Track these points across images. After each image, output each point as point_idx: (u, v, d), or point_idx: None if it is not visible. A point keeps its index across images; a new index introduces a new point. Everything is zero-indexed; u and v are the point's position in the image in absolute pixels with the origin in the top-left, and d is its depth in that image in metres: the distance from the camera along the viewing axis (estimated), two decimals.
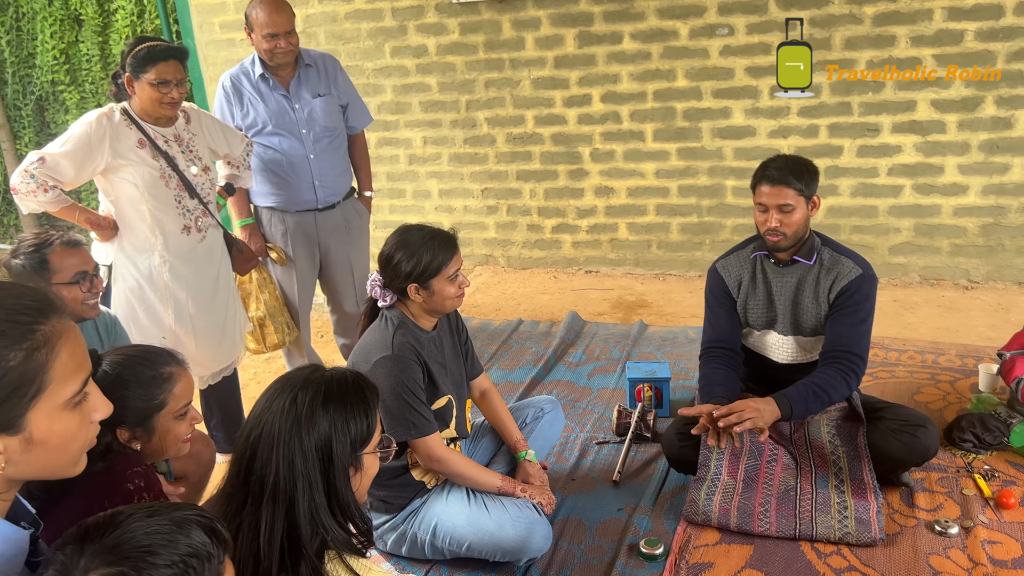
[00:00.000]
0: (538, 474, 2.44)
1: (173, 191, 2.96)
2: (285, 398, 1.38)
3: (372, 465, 1.46)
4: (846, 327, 2.47)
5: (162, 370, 1.79)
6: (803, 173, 2.45)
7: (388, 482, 2.30)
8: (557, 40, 4.60)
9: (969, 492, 2.48)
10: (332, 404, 1.38)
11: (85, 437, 1.08)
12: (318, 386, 1.40)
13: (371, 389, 1.47)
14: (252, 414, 1.41)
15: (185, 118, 3.04)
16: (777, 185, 2.43)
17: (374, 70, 4.99)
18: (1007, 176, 4.07)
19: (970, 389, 3.12)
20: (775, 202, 2.44)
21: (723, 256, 2.74)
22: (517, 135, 4.87)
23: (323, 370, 1.45)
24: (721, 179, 4.55)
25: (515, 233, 5.10)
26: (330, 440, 1.37)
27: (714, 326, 2.69)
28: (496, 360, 3.76)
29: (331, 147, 3.53)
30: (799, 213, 2.45)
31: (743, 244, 2.72)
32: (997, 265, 4.22)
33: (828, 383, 2.41)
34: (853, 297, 2.48)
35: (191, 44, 5.27)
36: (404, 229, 2.30)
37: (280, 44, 3.26)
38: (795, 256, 2.54)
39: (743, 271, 2.65)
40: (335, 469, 1.36)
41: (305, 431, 1.35)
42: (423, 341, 2.28)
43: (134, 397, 1.73)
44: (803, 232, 2.51)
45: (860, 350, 2.48)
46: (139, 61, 2.79)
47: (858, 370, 2.45)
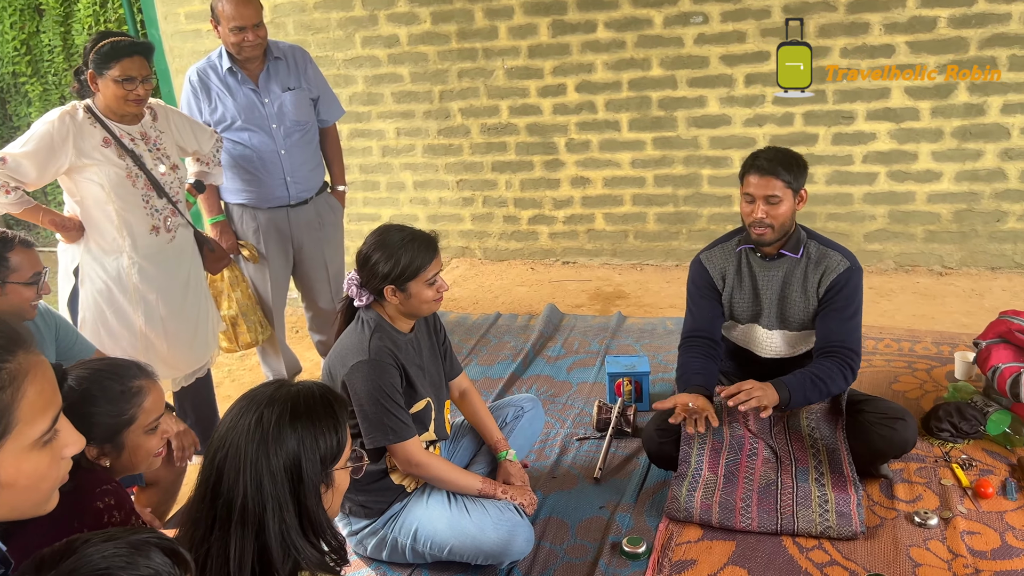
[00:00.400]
0: (519, 474, 2.42)
1: (140, 191, 2.88)
2: (250, 417, 1.32)
3: (343, 480, 1.42)
4: (838, 322, 2.46)
5: (130, 384, 1.73)
6: (792, 165, 2.43)
7: (367, 487, 2.27)
8: (531, 29, 4.55)
9: (947, 482, 2.49)
10: (300, 421, 1.33)
11: (56, 475, 1.02)
12: (284, 403, 1.34)
13: (340, 402, 1.42)
14: (216, 435, 1.35)
15: (152, 115, 2.96)
16: (765, 176, 2.41)
17: (345, 60, 4.91)
18: (980, 162, 4.09)
19: (946, 377, 3.14)
20: (762, 193, 2.41)
21: (707, 248, 2.71)
22: (492, 126, 4.82)
23: (289, 385, 1.40)
24: (697, 168, 4.54)
25: (491, 225, 5.06)
26: (299, 459, 1.31)
27: (695, 316, 2.67)
28: (475, 355, 3.73)
29: (302, 142, 3.46)
30: (786, 205, 2.43)
31: (727, 236, 2.70)
32: (970, 251, 4.25)
33: (827, 374, 2.40)
34: (843, 291, 2.48)
35: (155, 35, 5.14)
36: (384, 229, 2.25)
37: (248, 37, 3.18)
38: (782, 250, 2.53)
39: (728, 264, 2.63)
40: (305, 488, 1.31)
41: (272, 451, 1.30)
42: (400, 344, 2.24)
43: (102, 413, 1.68)
44: (789, 226, 2.49)
45: (854, 344, 2.47)
46: (103, 57, 2.71)
47: (854, 365, 2.45)
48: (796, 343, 2.60)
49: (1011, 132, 4.00)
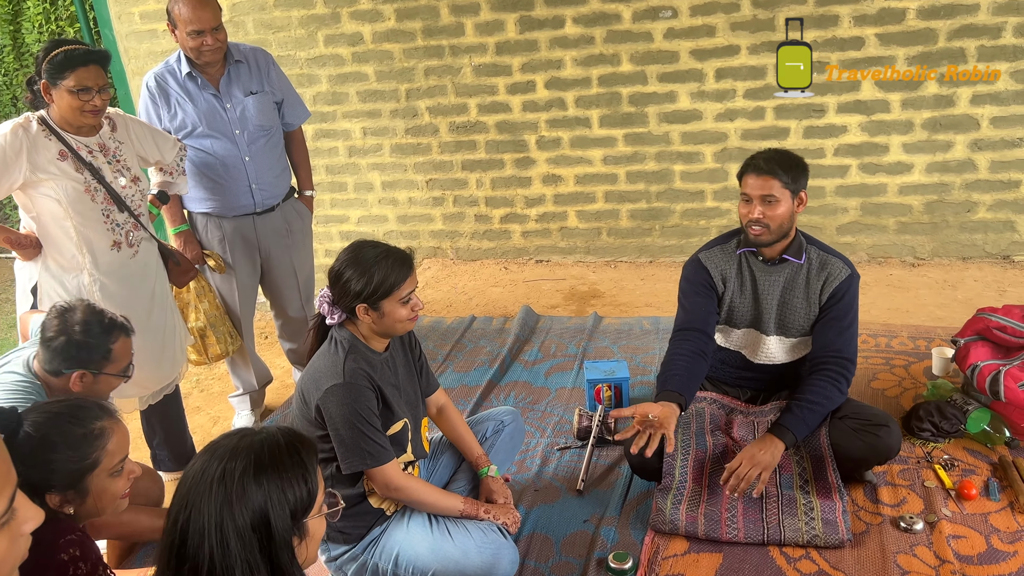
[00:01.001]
0: (501, 490, 2.36)
1: (100, 205, 2.77)
2: (212, 474, 1.23)
3: (319, 527, 1.34)
4: (836, 332, 2.44)
5: (92, 426, 1.64)
6: (791, 167, 2.38)
7: (345, 511, 2.14)
8: (498, 25, 4.46)
9: (931, 484, 2.49)
10: (265, 475, 1.24)
11: (16, 555, 0.93)
12: (247, 456, 1.25)
13: (307, 448, 1.33)
14: (177, 494, 1.26)
15: (110, 125, 2.84)
16: (763, 175, 2.37)
17: (307, 60, 4.79)
18: (950, 153, 4.10)
19: (924, 373, 3.14)
20: (759, 193, 2.37)
21: (705, 248, 2.64)
22: (460, 124, 4.73)
23: (251, 435, 1.31)
24: (669, 164, 4.50)
25: (463, 224, 4.98)
26: (267, 515, 1.23)
27: (688, 311, 2.60)
28: (450, 362, 3.67)
29: (267, 147, 3.36)
30: (783, 207, 2.38)
31: (725, 237, 2.63)
32: (942, 241, 4.27)
33: (821, 396, 2.38)
34: (843, 299, 2.45)
35: (109, 35, 4.97)
36: (358, 245, 2.17)
37: (207, 41, 3.07)
38: (784, 255, 2.48)
39: (728, 266, 2.57)
40: (276, 545, 1.23)
41: (238, 509, 1.21)
42: (375, 364, 2.16)
43: (63, 459, 1.58)
44: (787, 227, 2.44)
45: (850, 354, 2.45)
46: (56, 67, 2.58)
47: (848, 374, 2.42)
48: (793, 349, 2.57)
49: (980, 123, 4.01)
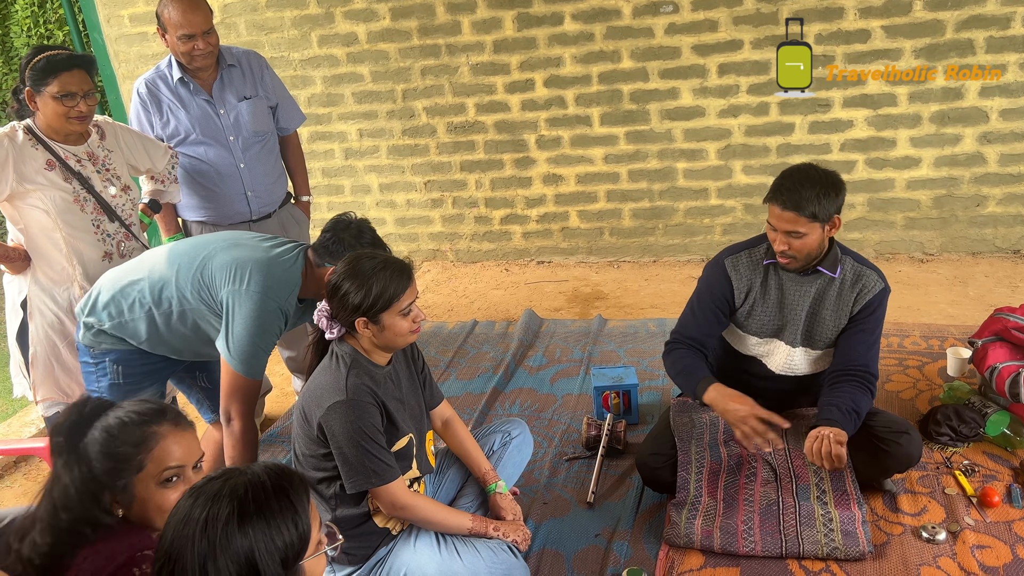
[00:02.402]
0: (511, 507, 2.29)
1: (90, 215, 2.70)
2: (195, 524, 1.15)
3: (317, 567, 1.25)
4: (864, 346, 2.36)
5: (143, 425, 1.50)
6: (820, 197, 2.22)
7: (350, 532, 2.12)
8: (495, 23, 4.37)
9: (952, 491, 2.42)
10: (250, 522, 1.15)
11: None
12: (231, 502, 1.16)
13: (297, 486, 1.23)
14: (160, 547, 1.17)
15: (99, 133, 2.77)
16: (788, 210, 2.22)
17: (301, 61, 4.70)
18: (959, 147, 4.03)
19: (939, 374, 3.07)
20: (784, 227, 2.25)
21: (734, 251, 2.48)
22: (458, 124, 4.65)
23: (235, 476, 1.21)
24: (672, 162, 4.42)
25: (462, 226, 4.90)
26: (255, 565, 1.14)
27: (698, 321, 2.49)
28: (453, 369, 3.59)
29: (262, 153, 3.27)
30: (812, 238, 2.26)
31: (756, 241, 2.49)
32: (951, 236, 4.20)
33: (860, 403, 2.29)
34: (875, 312, 2.37)
35: (98, 39, 4.88)
36: (355, 256, 2.09)
37: (198, 46, 2.98)
38: (818, 267, 2.37)
39: (754, 277, 2.44)
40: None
41: (223, 562, 1.13)
42: (378, 379, 2.09)
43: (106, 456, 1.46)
44: (817, 254, 2.33)
45: (875, 369, 2.38)
46: (39, 73, 2.51)
47: (874, 389, 2.36)
48: (817, 362, 2.48)
49: (989, 115, 3.94)
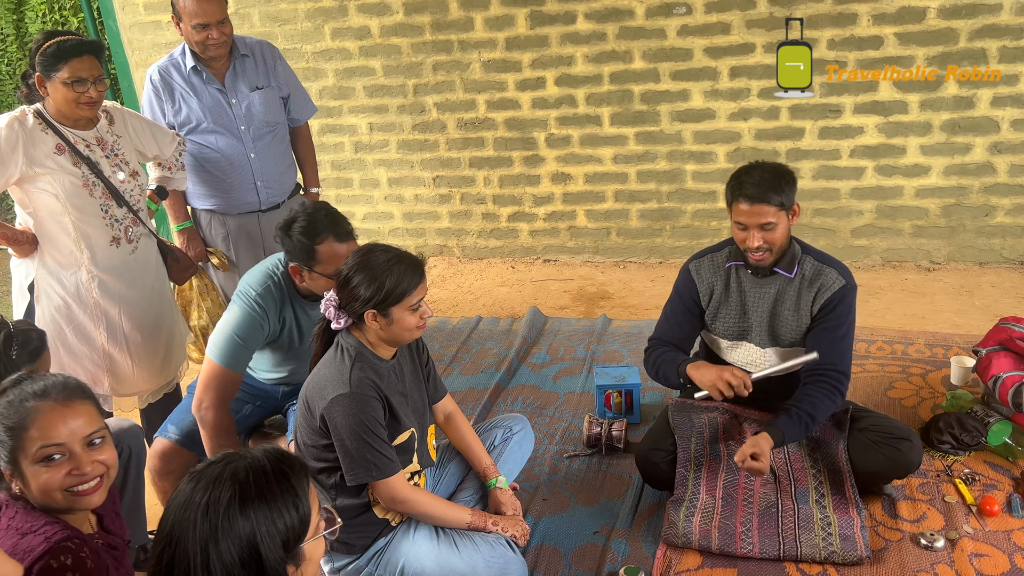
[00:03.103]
0: (511, 502, 2.30)
1: (98, 200, 2.71)
2: (196, 507, 1.15)
3: (316, 550, 1.26)
4: (829, 343, 2.35)
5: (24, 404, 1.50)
6: (781, 185, 2.28)
7: (349, 521, 2.12)
8: (508, 20, 4.38)
9: (951, 499, 2.42)
10: (252, 505, 1.16)
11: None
12: (232, 485, 1.17)
13: (296, 470, 1.24)
14: (160, 531, 1.17)
15: (108, 119, 2.79)
16: (756, 203, 2.26)
17: (314, 53, 4.71)
18: (968, 156, 4.02)
19: (942, 382, 3.06)
20: (756, 221, 2.28)
21: (698, 256, 2.58)
22: (469, 120, 4.65)
23: (236, 460, 1.21)
24: (680, 164, 4.42)
25: (470, 222, 4.91)
26: (257, 548, 1.15)
27: (672, 326, 2.58)
28: (457, 364, 3.60)
29: (273, 143, 3.29)
30: (781, 228, 2.31)
31: (720, 246, 2.56)
32: (958, 246, 4.19)
33: (816, 407, 2.31)
34: (836, 309, 2.37)
35: (112, 26, 4.90)
36: (368, 248, 2.10)
37: (212, 35, 3.00)
38: (775, 268, 2.40)
39: (716, 279, 2.51)
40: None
41: (225, 545, 1.13)
42: (382, 372, 2.09)
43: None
44: (786, 244, 2.39)
45: (844, 367, 2.38)
46: (49, 59, 2.52)
47: (842, 388, 2.35)
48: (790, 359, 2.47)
49: (1000, 125, 3.93)
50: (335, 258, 2.32)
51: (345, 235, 2.36)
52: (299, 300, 2.51)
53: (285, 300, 2.49)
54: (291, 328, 2.53)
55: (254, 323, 2.42)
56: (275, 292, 2.46)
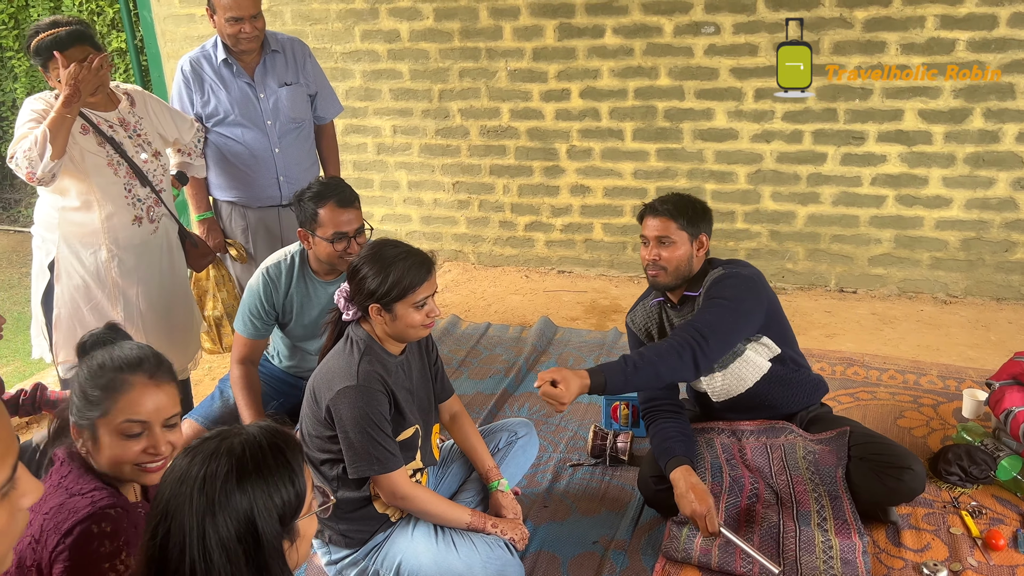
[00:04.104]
0: (511, 506, 2.30)
1: (122, 179, 2.76)
2: (193, 481, 1.15)
3: (310, 527, 1.27)
4: (698, 312, 2.32)
5: (115, 372, 1.52)
6: (688, 210, 2.41)
7: (349, 515, 2.14)
8: (536, 31, 4.41)
9: (957, 531, 2.39)
10: (249, 480, 1.16)
11: (14, 530, 0.87)
12: (229, 460, 1.17)
13: (293, 446, 1.25)
14: (156, 506, 1.17)
15: (129, 101, 2.84)
16: (659, 217, 2.40)
17: (343, 54, 4.76)
18: (991, 190, 3.99)
19: (954, 415, 3.04)
20: (654, 234, 2.40)
21: (631, 308, 2.68)
22: (492, 128, 4.68)
23: (232, 436, 1.22)
24: (701, 182, 4.42)
25: (487, 229, 4.93)
26: (253, 522, 1.15)
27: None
28: (465, 368, 3.60)
29: (298, 140, 3.33)
30: (681, 250, 2.39)
31: (647, 292, 2.65)
32: (976, 280, 4.16)
33: (657, 353, 2.18)
34: (711, 292, 2.36)
35: (147, 17, 4.98)
36: (380, 242, 2.13)
37: (245, 29, 3.04)
38: (685, 293, 2.47)
39: (650, 321, 2.58)
40: (265, 553, 1.15)
41: (222, 519, 1.13)
42: (390, 367, 2.10)
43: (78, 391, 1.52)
44: (685, 271, 2.43)
45: (704, 328, 2.22)
46: (46, 53, 2.56)
47: (699, 346, 2.18)
48: (739, 377, 2.45)
49: None
50: (336, 222, 2.52)
51: (346, 201, 2.54)
52: (310, 276, 2.70)
53: (294, 274, 2.69)
54: (292, 299, 2.72)
55: (266, 289, 2.68)
56: (286, 266, 2.70)
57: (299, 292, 2.70)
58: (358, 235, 2.58)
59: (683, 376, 2.27)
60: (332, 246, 2.54)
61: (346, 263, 2.57)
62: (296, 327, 2.76)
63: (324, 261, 2.63)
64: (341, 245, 2.55)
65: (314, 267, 2.69)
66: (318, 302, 2.71)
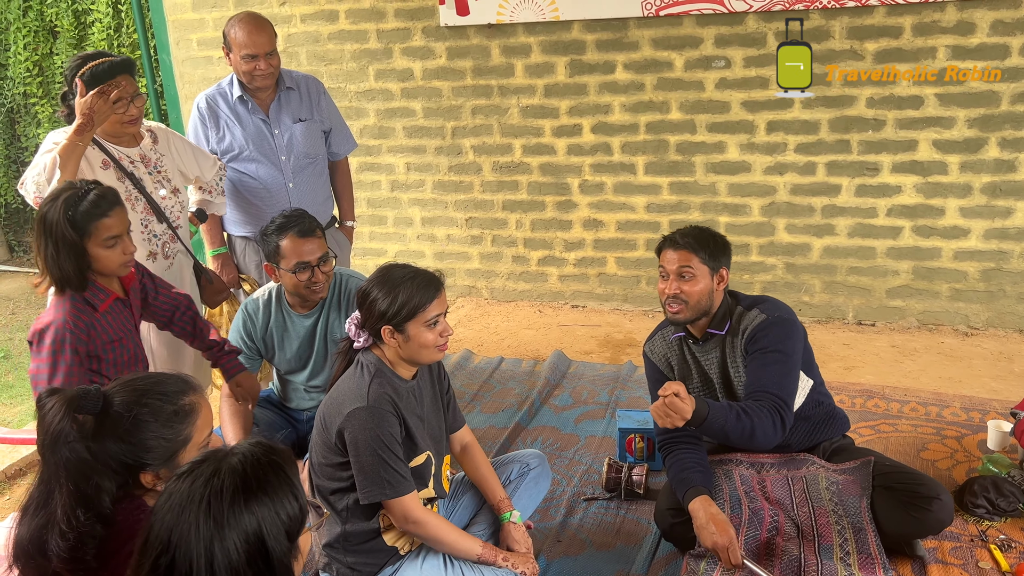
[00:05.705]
0: (523, 539, 2.24)
1: (140, 215, 2.78)
2: (196, 506, 1.11)
3: (307, 543, 1.24)
4: (759, 367, 2.29)
5: (181, 402, 1.55)
6: (709, 243, 2.37)
7: (357, 547, 2.09)
8: (548, 68, 4.45)
9: (985, 565, 2.31)
10: (255, 498, 1.13)
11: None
12: (232, 479, 1.14)
13: (288, 460, 1.22)
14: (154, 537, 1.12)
15: (152, 138, 2.87)
16: (680, 250, 2.35)
17: (357, 93, 4.82)
18: (1010, 220, 3.95)
19: (978, 447, 2.96)
20: (675, 267, 2.34)
21: (649, 338, 2.62)
22: (504, 164, 4.71)
23: (228, 456, 1.19)
24: (714, 215, 4.40)
25: (500, 264, 4.92)
26: (263, 541, 1.12)
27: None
28: (478, 402, 3.57)
29: (312, 175, 3.35)
30: (702, 283, 2.33)
31: (663, 324, 2.59)
32: (998, 311, 4.09)
33: (755, 412, 2.19)
34: (761, 342, 2.32)
35: (167, 60, 5.08)
36: (388, 266, 2.13)
37: (260, 66, 3.09)
38: (709, 329, 2.42)
39: (670, 353, 2.54)
40: (276, 572, 1.12)
41: (231, 542, 1.10)
42: (401, 391, 2.08)
43: (156, 437, 1.51)
44: (706, 305, 2.37)
45: (781, 391, 2.25)
46: (88, 84, 2.60)
47: (784, 414, 2.22)
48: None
49: None
50: (297, 252, 2.60)
51: (307, 231, 2.62)
52: (287, 310, 2.81)
53: (271, 308, 2.80)
54: (272, 333, 2.81)
55: (245, 324, 2.81)
56: (263, 301, 2.81)
57: (277, 326, 2.80)
58: (322, 264, 2.65)
59: (770, 440, 2.24)
60: (296, 276, 2.61)
61: (315, 293, 2.68)
62: (280, 361, 2.86)
63: (292, 293, 2.71)
64: (304, 275, 2.62)
65: (290, 301, 2.79)
66: (296, 335, 2.80)
